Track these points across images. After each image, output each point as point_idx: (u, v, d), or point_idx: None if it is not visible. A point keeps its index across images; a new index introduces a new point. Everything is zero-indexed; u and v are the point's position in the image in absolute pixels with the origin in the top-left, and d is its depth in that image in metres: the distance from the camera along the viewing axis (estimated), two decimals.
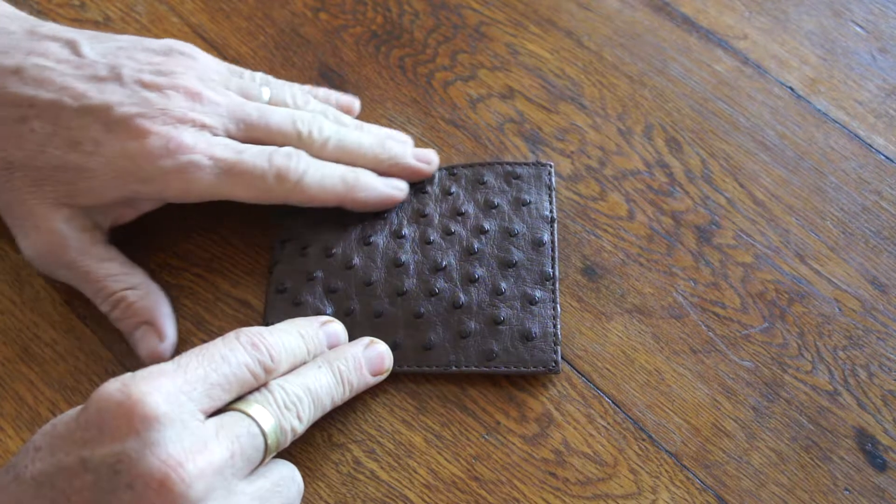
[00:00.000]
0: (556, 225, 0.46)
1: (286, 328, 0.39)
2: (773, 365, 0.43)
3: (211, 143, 0.43)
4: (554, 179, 0.47)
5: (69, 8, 0.55)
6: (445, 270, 0.45)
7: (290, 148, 0.44)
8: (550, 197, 0.47)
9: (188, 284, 0.46)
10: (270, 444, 0.35)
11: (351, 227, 0.46)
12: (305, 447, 0.41)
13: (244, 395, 0.36)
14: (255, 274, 0.47)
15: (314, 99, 0.49)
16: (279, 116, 0.45)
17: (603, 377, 0.43)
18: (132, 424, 0.31)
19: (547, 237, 0.45)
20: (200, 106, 0.43)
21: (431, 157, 0.48)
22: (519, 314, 0.43)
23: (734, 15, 0.54)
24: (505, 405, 0.42)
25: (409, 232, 0.46)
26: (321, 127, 0.45)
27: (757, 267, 0.45)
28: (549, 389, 0.43)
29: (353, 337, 0.43)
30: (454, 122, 0.51)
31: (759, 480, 0.40)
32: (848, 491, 0.40)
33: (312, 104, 0.48)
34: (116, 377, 0.33)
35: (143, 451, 0.31)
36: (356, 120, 0.49)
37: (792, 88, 0.51)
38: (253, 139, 0.44)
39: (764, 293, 0.45)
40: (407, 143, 0.49)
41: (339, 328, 0.42)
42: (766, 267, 0.45)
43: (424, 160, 0.48)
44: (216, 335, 0.42)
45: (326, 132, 0.46)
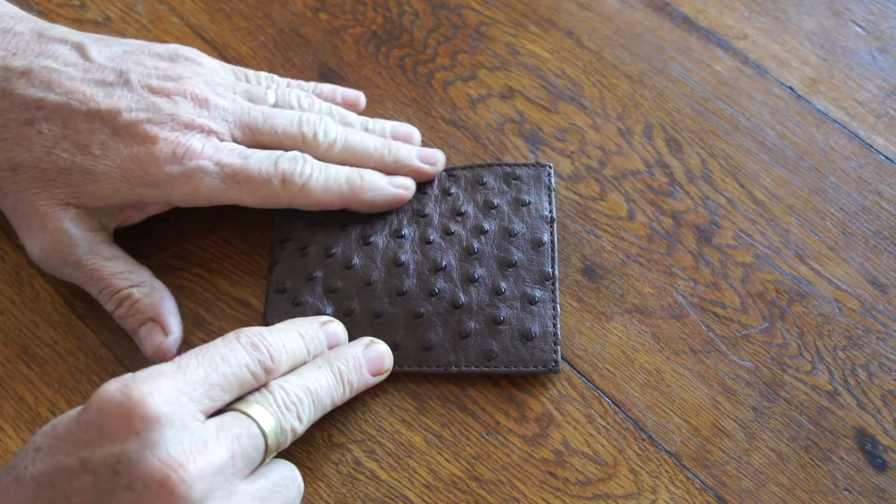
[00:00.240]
0: (555, 225, 0.46)
1: (286, 328, 0.39)
2: (772, 365, 0.43)
3: (218, 148, 0.43)
4: (553, 180, 0.47)
5: (69, 8, 0.55)
6: (445, 270, 0.45)
7: (295, 152, 0.44)
8: (550, 197, 0.47)
9: (188, 284, 0.46)
10: (271, 444, 0.35)
11: (351, 227, 0.46)
12: (305, 447, 0.41)
13: (244, 395, 0.36)
14: (255, 274, 0.47)
15: (319, 98, 0.49)
16: (285, 120, 0.45)
17: (603, 377, 0.43)
18: (132, 425, 0.31)
19: (547, 237, 0.45)
20: (207, 112, 0.44)
21: (438, 157, 0.48)
22: (519, 314, 0.43)
23: (734, 15, 0.54)
24: (505, 405, 0.42)
25: (408, 232, 0.46)
26: (327, 129, 0.46)
27: (757, 267, 0.45)
28: (549, 389, 0.43)
29: (353, 337, 0.43)
30: (454, 122, 0.51)
31: (759, 480, 0.40)
32: (848, 491, 0.40)
33: (318, 105, 0.48)
34: (116, 378, 0.33)
35: (143, 451, 0.31)
36: (362, 117, 0.49)
37: (792, 88, 0.51)
38: (259, 143, 0.45)
39: (764, 293, 0.45)
40: (413, 137, 0.49)
41: (339, 328, 0.42)
42: (766, 267, 0.45)
43: (430, 161, 0.48)
44: (216, 335, 0.42)
45: (332, 134, 0.46)
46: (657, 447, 0.41)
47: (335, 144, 0.46)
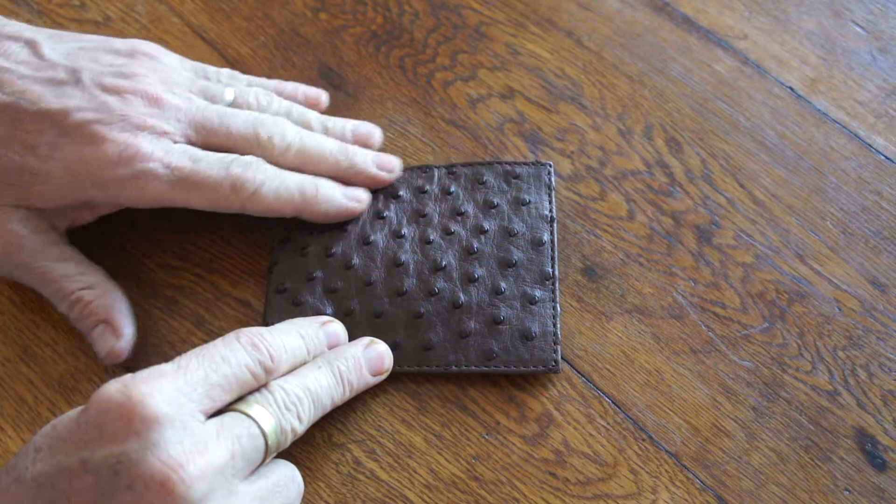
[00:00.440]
0: (555, 224, 0.46)
1: (286, 328, 0.39)
2: (772, 365, 0.43)
3: (168, 150, 0.42)
4: (553, 179, 0.47)
5: (69, 8, 0.55)
6: (445, 270, 0.45)
7: (249, 157, 0.44)
8: (550, 196, 0.47)
9: (188, 284, 0.46)
10: (271, 444, 0.35)
11: (350, 226, 0.46)
12: (305, 447, 0.41)
13: (244, 395, 0.36)
14: (255, 274, 0.47)
15: (278, 97, 0.48)
16: (240, 121, 0.44)
17: (603, 377, 0.43)
18: (132, 425, 0.31)
19: (547, 237, 0.45)
20: (160, 111, 0.43)
21: (394, 163, 0.48)
22: (519, 314, 0.43)
23: (734, 15, 0.54)
24: (505, 405, 0.42)
25: (408, 232, 0.46)
26: (283, 132, 0.45)
27: (757, 267, 0.45)
28: (549, 389, 0.43)
29: (353, 337, 0.43)
30: (454, 122, 0.51)
31: (759, 480, 0.40)
32: (848, 491, 0.40)
33: (276, 104, 0.47)
34: (116, 378, 0.33)
35: (143, 452, 0.31)
36: (323, 116, 0.48)
37: (792, 88, 0.51)
38: (213, 145, 0.44)
39: (764, 293, 0.45)
40: (373, 137, 0.49)
41: (338, 328, 0.42)
42: (766, 267, 0.45)
43: (386, 168, 0.47)
44: (216, 335, 0.43)
45: (289, 137, 0.45)
46: (657, 447, 0.41)
47: (291, 148, 0.45)
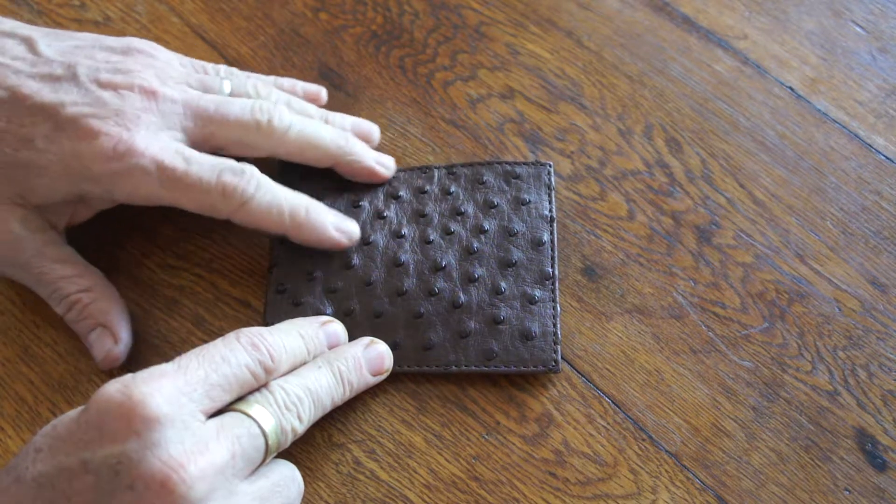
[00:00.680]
0: (555, 224, 0.46)
1: (286, 328, 0.39)
2: (773, 365, 0.43)
3: (162, 147, 0.42)
4: (553, 179, 0.47)
5: (69, 8, 0.55)
6: (445, 270, 0.45)
7: (245, 165, 0.43)
8: (550, 196, 0.47)
9: (188, 284, 0.46)
10: (271, 444, 0.35)
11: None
12: (305, 447, 0.41)
13: (244, 395, 0.36)
14: (255, 274, 0.47)
15: (277, 90, 0.48)
16: (237, 108, 0.44)
17: (603, 377, 0.43)
18: (133, 425, 0.31)
19: (546, 237, 0.45)
20: (156, 105, 0.42)
21: (391, 162, 0.48)
22: (519, 314, 0.43)
23: (734, 15, 0.54)
24: (505, 405, 0.42)
25: (408, 231, 0.46)
26: (281, 115, 0.45)
27: (757, 267, 0.45)
28: (549, 389, 0.43)
29: (353, 337, 0.43)
30: (454, 122, 0.51)
31: (759, 480, 0.40)
32: (848, 491, 0.40)
33: (275, 94, 0.47)
34: (117, 378, 0.33)
35: (143, 452, 0.31)
36: (322, 109, 0.48)
37: (792, 88, 0.51)
38: (212, 134, 0.44)
39: (764, 293, 0.45)
40: (373, 135, 0.49)
41: (338, 328, 0.42)
42: (766, 267, 0.45)
43: (384, 164, 0.47)
44: (216, 335, 0.42)
45: (287, 120, 0.45)
46: (657, 447, 0.41)
47: (291, 130, 0.45)
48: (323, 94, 0.50)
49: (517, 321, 0.43)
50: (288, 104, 0.47)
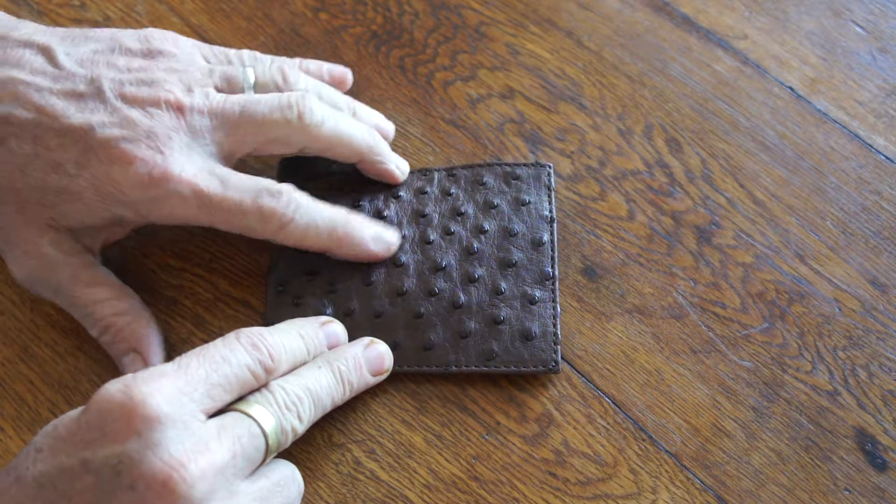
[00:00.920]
0: (555, 225, 0.46)
1: (286, 328, 0.39)
2: (773, 365, 0.43)
3: (198, 171, 0.41)
4: (553, 180, 0.47)
5: (69, 8, 0.55)
6: (445, 270, 0.45)
7: (283, 186, 0.42)
8: (550, 197, 0.47)
9: (188, 284, 0.46)
10: (271, 444, 0.35)
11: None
12: (305, 447, 0.41)
13: (245, 395, 0.36)
14: (255, 274, 0.47)
15: (305, 75, 0.47)
16: (264, 107, 0.43)
17: (603, 377, 0.43)
18: (134, 425, 0.31)
19: (546, 237, 0.45)
20: (185, 121, 0.41)
21: (406, 167, 0.48)
22: (519, 314, 0.43)
23: (734, 15, 0.54)
24: (505, 405, 0.42)
25: (408, 232, 0.46)
26: (312, 109, 0.43)
27: (757, 267, 0.46)
28: (549, 389, 0.43)
29: (353, 337, 0.43)
30: (454, 122, 0.51)
31: (759, 480, 0.40)
32: (848, 491, 0.40)
33: (303, 82, 0.46)
34: (117, 378, 0.33)
35: (144, 452, 0.31)
36: (349, 99, 0.48)
37: (792, 88, 0.51)
38: (242, 140, 0.43)
39: (764, 293, 0.45)
40: (391, 135, 0.49)
41: (338, 328, 0.42)
42: (766, 267, 0.46)
43: (401, 168, 0.48)
44: (216, 335, 0.42)
45: (318, 114, 0.43)
46: (657, 447, 0.41)
47: (324, 125, 0.44)
48: (349, 76, 0.50)
49: (517, 321, 0.43)
50: (318, 94, 0.46)
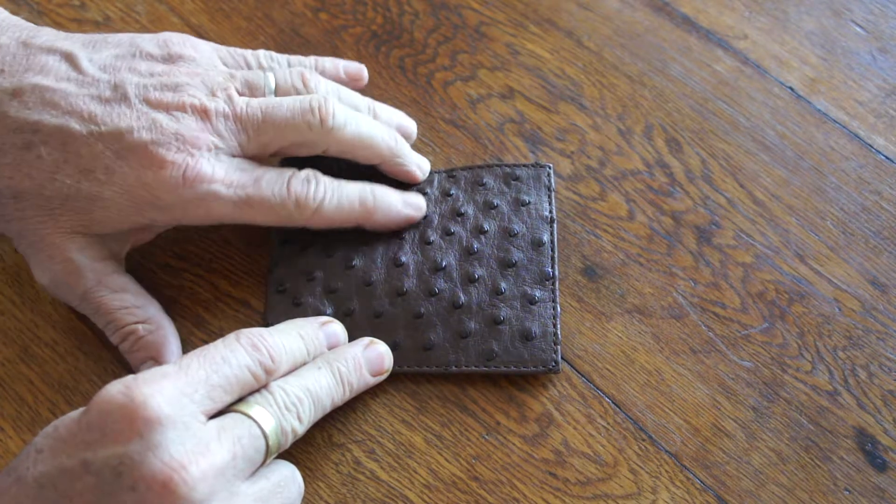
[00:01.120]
0: (555, 225, 0.46)
1: (286, 329, 0.39)
2: (773, 365, 0.43)
3: (229, 168, 0.41)
4: (553, 180, 0.47)
5: (69, 8, 0.55)
6: (445, 270, 0.45)
7: (307, 171, 0.43)
8: (550, 198, 0.47)
9: (188, 284, 0.46)
10: (271, 445, 0.35)
11: (351, 227, 0.46)
12: (305, 447, 0.41)
13: (245, 396, 0.36)
14: (255, 274, 0.47)
15: (324, 79, 0.47)
16: (286, 111, 0.43)
17: (603, 377, 0.43)
18: (134, 427, 0.31)
19: (546, 237, 0.45)
20: (210, 125, 0.41)
21: (427, 166, 0.48)
22: (519, 314, 0.43)
23: (734, 15, 0.54)
24: (505, 405, 0.42)
25: (408, 232, 0.46)
26: (334, 113, 0.43)
27: (757, 267, 0.46)
28: (549, 389, 0.43)
29: (353, 337, 0.43)
30: (454, 122, 0.51)
31: (759, 480, 0.40)
32: (848, 491, 0.40)
33: (323, 85, 0.46)
34: (118, 379, 0.33)
35: (145, 453, 0.31)
36: (368, 100, 0.48)
37: (792, 88, 0.51)
38: (265, 143, 0.43)
39: (764, 293, 0.45)
40: (412, 134, 0.49)
41: (338, 328, 0.42)
42: (766, 267, 0.46)
43: (423, 167, 0.48)
44: (216, 335, 0.43)
45: (341, 118, 0.44)
46: (657, 447, 0.41)
47: (346, 128, 0.44)
48: (364, 72, 0.50)
49: (517, 321, 0.43)
50: (338, 96, 0.46)
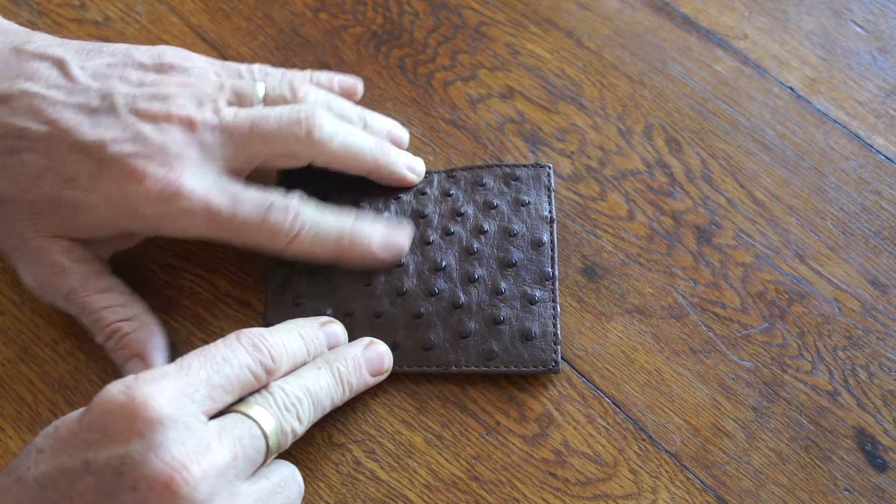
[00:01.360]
0: (555, 225, 0.46)
1: (286, 329, 0.39)
2: (773, 365, 0.43)
3: (209, 187, 0.41)
4: (553, 181, 0.47)
5: (69, 8, 0.55)
6: (445, 270, 0.45)
7: (290, 201, 0.43)
8: (550, 198, 0.47)
9: (188, 284, 0.46)
10: (271, 445, 0.35)
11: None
12: (305, 447, 0.41)
13: (245, 396, 0.36)
14: (255, 274, 0.47)
15: (315, 87, 0.47)
16: (273, 122, 0.43)
17: (603, 377, 0.43)
18: (135, 427, 0.31)
19: (546, 237, 0.45)
20: (196, 137, 0.42)
21: (421, 166, 0.48)
22: (519, 314, 0.43)
23: (734, 15, 0.54)
24: (505, 405, 0.42)
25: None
26: (322, 125, 0.44)
27: (757, 267, 0.46)
28: (549, 389, 0.43)
29: (353, 337, 0.43)
30: (454, 122, 0.51)
31: (759, 480, 0.40)
32: (848, 491, 0.40)
33: (313, 94, 0.46)
34: (119, 380, 0.33)
35: (146, 453, 0.31)
36: (360, 109, 0.48)
37: (792, 88, 0.51)
38: (252, 155, 0.43)
39: (764, 293, 0.45)
40: (404, 142, 0.49)
41: (338, 328, 0.42)
42: (766, 267, 0.46)
43: (416, 171, 0.48)
44: (216, 335, 0.43)
45: (328, 130, 0.44)
46: (657, 447, 0.41)
47: (333, 141, 0.44)
48: (359, 87, 0.50)
49: (517, 321, 0.43)
50: (327, 106, 0.46)
